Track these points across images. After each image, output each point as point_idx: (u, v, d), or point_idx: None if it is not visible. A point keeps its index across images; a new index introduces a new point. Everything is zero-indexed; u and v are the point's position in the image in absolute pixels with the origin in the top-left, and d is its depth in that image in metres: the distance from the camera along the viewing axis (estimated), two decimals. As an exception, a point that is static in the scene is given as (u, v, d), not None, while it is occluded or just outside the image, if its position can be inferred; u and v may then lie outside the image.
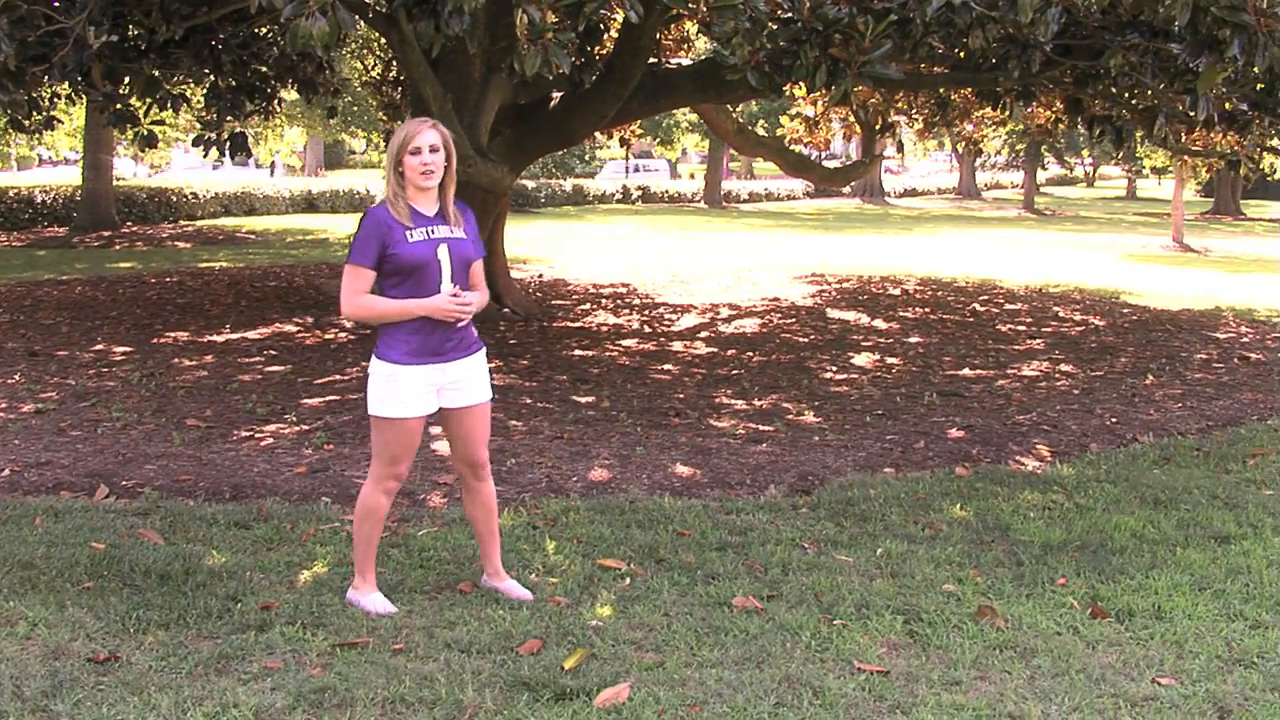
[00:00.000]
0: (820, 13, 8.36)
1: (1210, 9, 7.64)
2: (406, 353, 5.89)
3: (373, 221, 5.84)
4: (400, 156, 5.82)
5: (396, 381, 5.90)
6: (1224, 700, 5.28)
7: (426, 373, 5.94)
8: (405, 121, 5.98)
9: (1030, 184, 66.69)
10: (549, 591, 6.34)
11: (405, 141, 5.81)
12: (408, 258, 5.80)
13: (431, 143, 5.82)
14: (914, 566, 6.87)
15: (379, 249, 5.81)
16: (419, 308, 5.84)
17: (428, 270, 5.84)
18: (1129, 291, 22.76)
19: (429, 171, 5.82)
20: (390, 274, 5.86)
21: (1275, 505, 8.43)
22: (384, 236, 5.80)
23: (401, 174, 5.85)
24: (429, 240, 5.86)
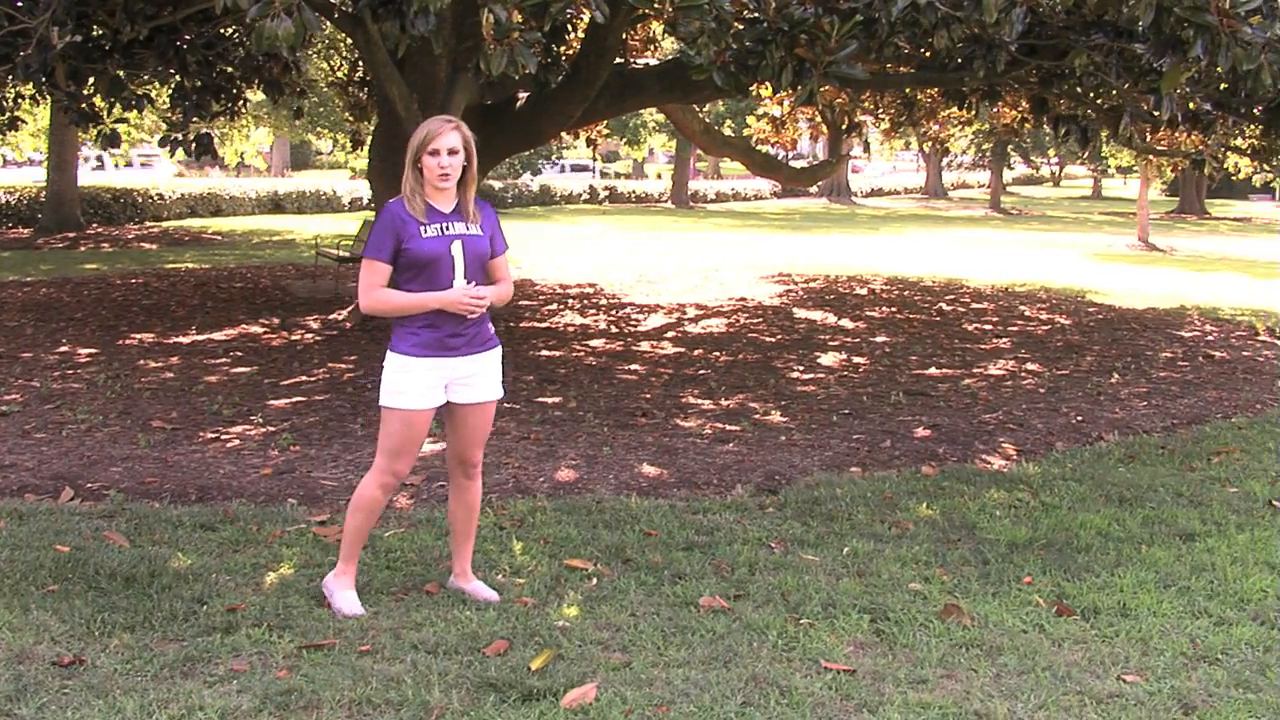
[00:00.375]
0: (786, 13, 8.37)
1: (1174, 9, 7.66)
2: (416, 344, 5.93)
3: (389, 216, 5.91)
4: (419, 155, 5.86)
5: (405, 373, 5.95)
6: (1188, 697, 5.30)
7: (436, 365, 5.96)
8: (430, 119, 5.97)
9: (996, 183, 66.95)
10: (516, 592, 6.33)
11: (426, 141, 5.84)
12: (420, 253, 5.85)
13: (451, 145, 5.85)
14: (880, 565, 6.89)
15: (394, 243, 5.86)
16: (434, 300, 5.87)
17: (440, 265, 5.88)
18: (1095, 290, 22.85)
19: (445, 174, 5.87)
20: (404, 268, 5.91)
21: (1239, 503, 8.47)
22: (399, 231, 5.86)
23: (420, 171, 5.89)
24: (442, 236, 5.90)
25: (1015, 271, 26.23)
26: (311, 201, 43.52)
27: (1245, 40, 7.48)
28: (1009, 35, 8.56)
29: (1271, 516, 8.16)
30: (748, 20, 8.69)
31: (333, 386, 11.70)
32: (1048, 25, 9.24)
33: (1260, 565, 7.10)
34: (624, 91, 15.68)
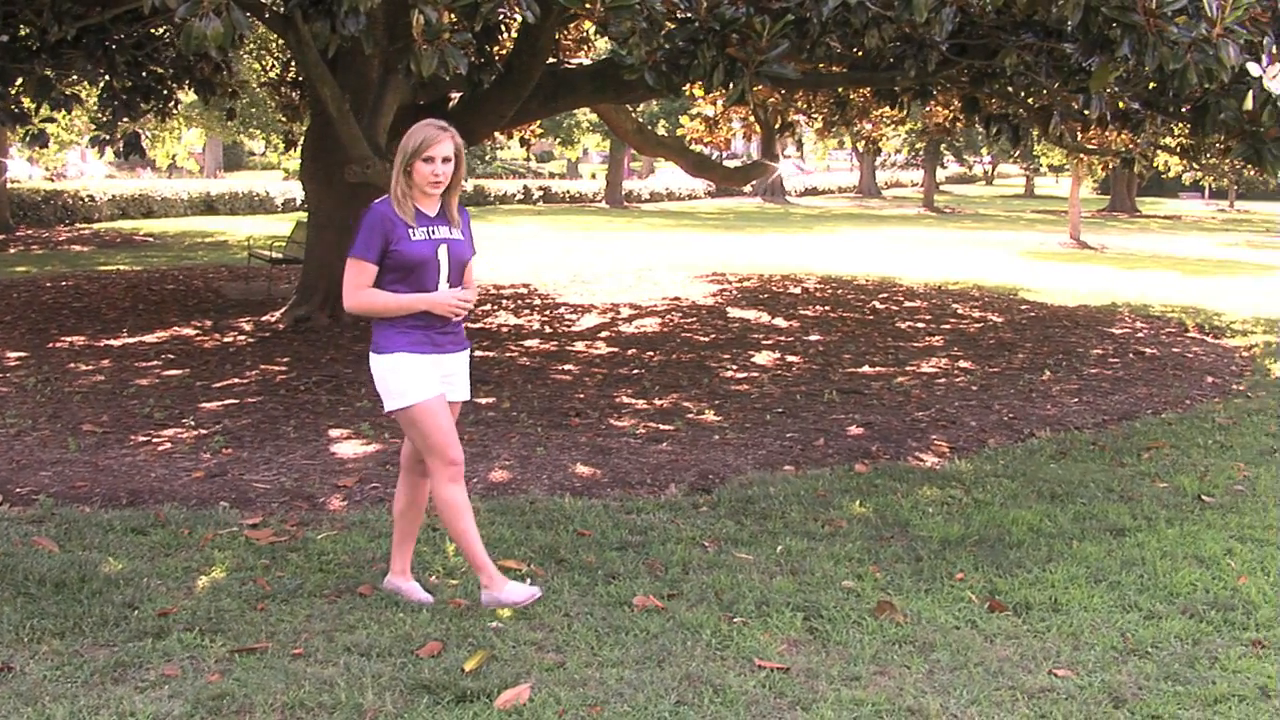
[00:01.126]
0: (717, 12, 8.38)
1: (1101, 9, 7.72)
2: (411, 342, 5.97)
3: (376, 217, 5.93)
4: (412, 160, 5.88)
5: (405, 369, 5.97)
6: (1119, 690, 5.36)
7: (432, 361, 6.03)
8: (423, 123, 5.97)
9: (930, 182, 67.23)
10: (449, 593, 6.32)
11: (420, 147, 5.87)
12: (410, 255, 5.90)
13: (445, 154, 5.90)
14: (814, 563, 6.91)
15: (382, 244, 5.90)
16: (423, 302, 5.94)
17: (427, 269, 5.95)
18: (1027, 288, 23.00)
19: (438, 182, 5.92)
20: (391, 270, 5.94)
21: (1169, 498, 8.55)
22: (388, 233, 5.90)
23: (409, 174, 5.91)
24: (430, 240, 5.97)
25: (948, 270, 26.35)
26: (244, 203, 43.24)
27: (1171, 40, 7.55)
28: (939, 35, 8.61)
29: (1200, 511, 8.24)
30: (679, 20, 8.70)
31: (266, 388, 11.64)
32: (978, 25, 9.28)
33: (1189, 559, 7.17)
34: (557, 91, 15.69)
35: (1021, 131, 12.76)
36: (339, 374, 12.36)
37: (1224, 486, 8.89)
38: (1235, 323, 18.76)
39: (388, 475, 8.58)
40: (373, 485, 8.35)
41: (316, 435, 9.78)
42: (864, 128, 23.39)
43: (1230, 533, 7.73)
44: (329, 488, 8.31)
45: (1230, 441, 10.34)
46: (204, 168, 67.11)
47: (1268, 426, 10.98)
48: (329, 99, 11.79)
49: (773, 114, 19.69)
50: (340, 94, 11.92)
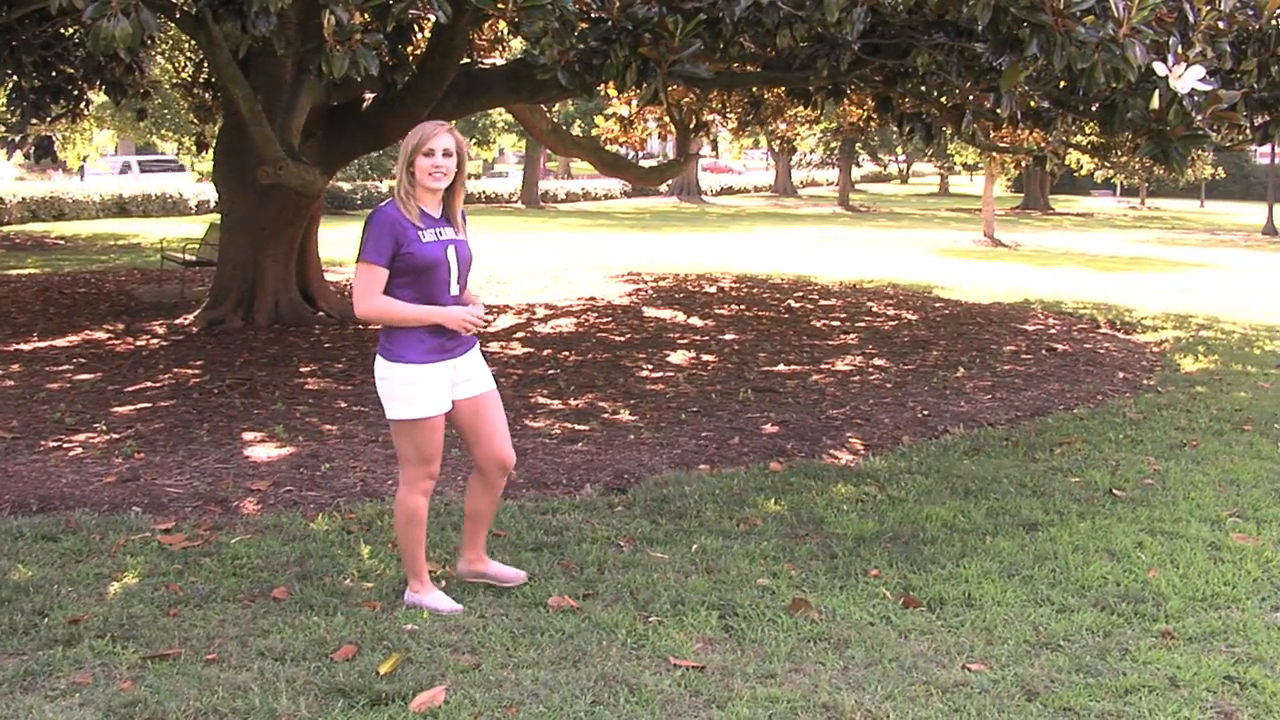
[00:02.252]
0: (630, 12, 8.39)
1: (1010, 9, 7.77)
2: (424, 352, 5.96)
3: (385, 220, 5.90)
4: (413, 157, 5.90)
5: (417, 382, 5.96)
6: (1031, 683, 5.41)
7: (442, 370, 6.03)
8: (422, 123, 6.01)
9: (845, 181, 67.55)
10: (364, 596, 6.30)
11: (420, 143, 5.88)
12: (423, 257, 5.89)
13: (445, 146, 5.90)
14: (729, 562, 6.93)
15: (392, 247, 5.86)
16: (438, 315, 5.94)
17: (439, 270, 5.95)
18: (941, 286, 23.13)
19: (439, 173, 5.91)
20: (402, 273, 5.91)
21: (1081, 492, 8.63)
22: (398, 235, 5.87)
23: (412, 174, 5.92)
24: (439, 241, 5.97)
25: (863, 268, 26.48)
26: (158, 205, 42.83)
27: (1079, 40, 7.61)
28: (851, 34, 8.64)
29: (1112, 505, 8.32)
30: (592, 20, 8.70)
31: (179, 392, 11.54)
32: (890, 25, 9.33)
33: (1101, 553, 7.25)
34: (471, 92, 15.65)
35: (934, 130, 12.83)
36: (253, 376, 12.29)
37: (1135, 481, 8.98)
38: (1146, 319, 18.96)
39: (301, 478, 8.55)
40: (286, 489, 8.31)
41: (230, 439, 9.72)
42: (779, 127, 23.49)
43: (1141, 526, 7.82)
44: (242, 491, 8.25)
45: (1141, 436, 10.45)
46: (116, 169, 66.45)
47: (1177, 421, 11.10)
48: (241, 100, 11.71)
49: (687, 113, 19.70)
50: (252, 95, 11.83)
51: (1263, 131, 10.77)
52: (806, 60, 10.88)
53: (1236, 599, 6.58)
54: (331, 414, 10.66)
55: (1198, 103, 8.23)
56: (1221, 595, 6.62)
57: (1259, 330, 18.15)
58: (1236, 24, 8.97)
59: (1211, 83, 8.24)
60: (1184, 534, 7.67)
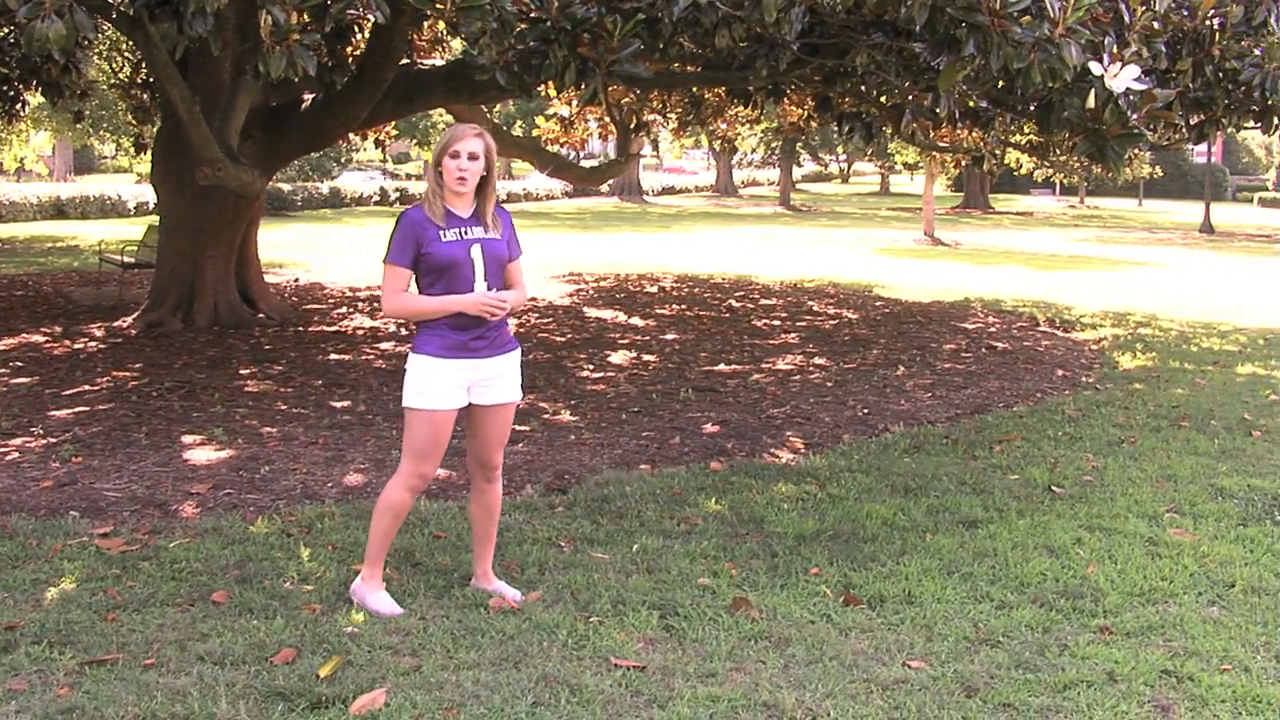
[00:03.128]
0: (569, 12, 8.38)
1: (947, 9, 7.81)
2: (441, 347, 6.05)
3: (408, 222, 6.05)
4: (441, 159, 6.03)
5: (429, 373, 6.06)
6: (971, 679, 5.44)
7: (460, 367, 6.09)
8: (454, 126, 6.13)
9: (786, 181, 67.77)
10: (304, 599, 6.26)
11: (447, 145, 6.01)
12: (441, 256, 5.99)
13: (472, 150, 5.99)
14: (670, 561, 6.94)
15: (414, 248, 6.01)
16: (455, 304, 6.01)
17: (460, 269, 6.03)
18: (881, 285, 23.24)
19: (463, 178, 6.00)
20: (426, 272, 6.05)
21: (1020, 489, 8.69)
22: (418, 236, 6.01)
23: (440, 175, 6.05)
24: (462, 240, 6.05)
25: (804, 267, 26.57)
26: (96, 207, 42.48)
27: (1015, 40, 7.65)
28: (789, 34, 8.66)
29: (1051, 502, 8.38)
30: (531, 20, 8.68)
31: (117, 395, 11.46)
32: (828, 25, 9.34)
33: (1040, 549, 7.30)
34: (411, 92, 15.61)
35: (874, 130, 12.86)
36: (192, 379, 12.21)
37: (1073, 477, 9.05)
38: (1085, 316, 19.11)
39: (241, 481, 8.50)
40: (226, 491, 8.26)
41: (169, 442, 9.65)
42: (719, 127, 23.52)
43: (1079, 522, 7.88)
44: (182, 494, 8.20)
45: (1079, 433, 10.52)
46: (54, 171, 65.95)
47: (1115, 418, 11.18)
48: (179, 101, 11.63)
49: (627, 114, 19.72)
50: (190, 96, 11.76)
51: (1198, 130, 10.87)
52: (746, 60, 10.87)
53: (1173, 594, 6.65)
54: (271, 416, 10.61)
55: (1133, 102, 8.29)
56: (1159, 590, 6.69)
57: (1196, 328, 18.31)
58: (1171, 24, 9.05)
59: (1146, 82, 8.30)
60: (1122, 530, 7.73)
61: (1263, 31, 9.45)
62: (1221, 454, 9.90)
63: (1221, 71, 9.50)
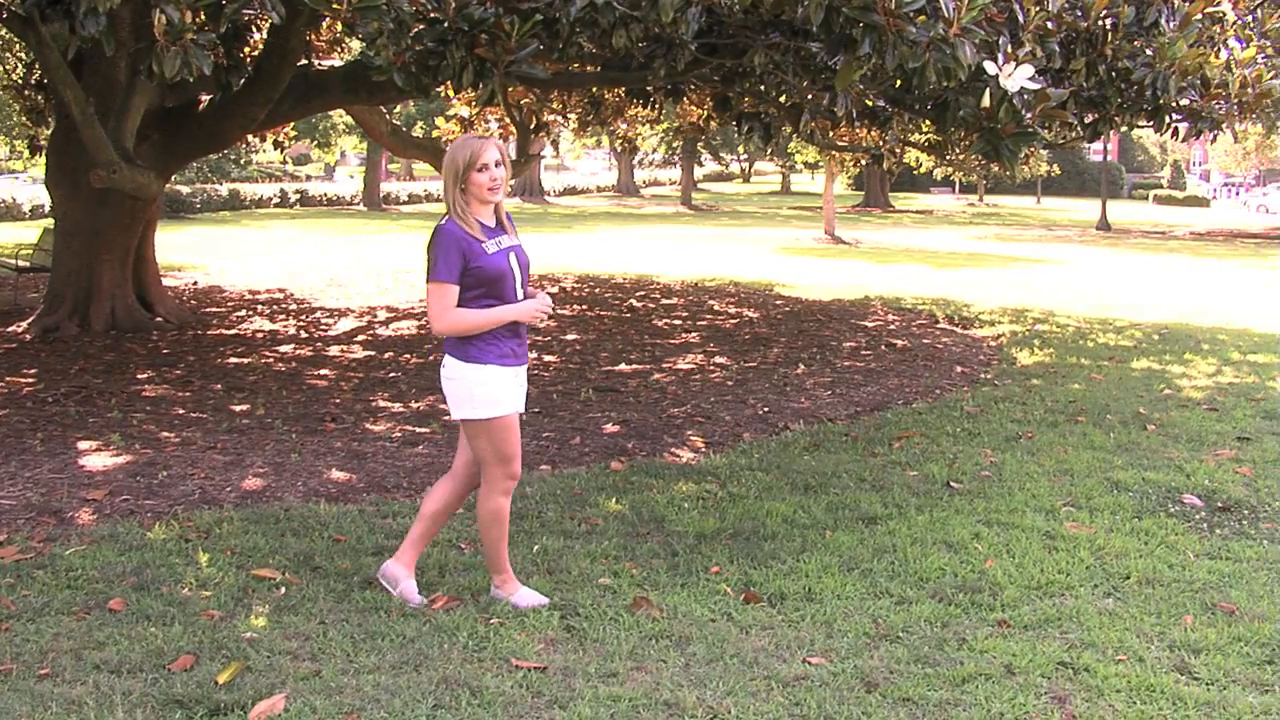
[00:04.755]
0: (466, 13, 8.34)
1: (842, 9, 7.83)
2: (500, 356, 6.12)
3: (451, 239, 6.02)
4: (467, 174, 6.03)
5: (495, 383, 6.10)
6: (871, 675, 5.48)
7: (516, 373, 6.22)
8: (463, 138, 6.16)
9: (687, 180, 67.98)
10: (202, 605, 6.21)
11: (471, 160, 6.01)
12: (492, 269, 6.05)
13: (496, 159, 6.06)
14: (570, 562, 6.94)
15: (461, 264, 6.01)
16: (513, 313, 6.10)
17: (507, 279, 6.11)
18: (782, 284, 23.34)
19: (496, 186, 6.09)
20: (473, 285, 6.05)
21: (919, 485, 8.75)
22: (465, 251, 6.01)
23: (464, 190, 6.05)
24: (502, 250, 6.12)
25: (705, 267, 26.64)
26: (-10, 210, 42.05)
27: (910, 39, 7.69)
28: (686, 34, 8.66)
29: (949, 497, 8.45)
30: (428, 20, 8.64)
31: (11, 401, 11.31)
32: (726, 25, 9.37)
33: (939, 545, 7.36)
34: (309, 93, 15.50)
35: (773, 129, 12.91)
36: (89, 384, 12.07)
37: (972, 473, 9.12)
38: (983, 313, 19.28)
39: (139, 487, 8.41)
40: (123, 497, 8.17)
41: (65, 448, 9.53)
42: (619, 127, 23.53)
43: (977, 517, 7.96)
44: (77, 501, 8.09)
45: (978, 429, 10.61)
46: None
47: (1013, 413, 11.29)
48: (73, 102, 11.51)
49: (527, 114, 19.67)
50: (84, 97, 11.64)
51: (1092, 129, 10.98)
52: (644, 60, 10.90)
53: (1070, 586, 6.72)
54: (169, 421, 10.51)
55: (1027, 101, 8.36)
56: (1055, 583, 6.76)
57: (1093, 324, 18.53)
58: (1065, 24, 9.13)
59: (1041, 81, 8.38)
60: (1019, 524, 7.81)
61: (1154, 32, 9.56)
62: (1117, 448, 10.02)
63: (1114, 71, 9.60)
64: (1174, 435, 10.52)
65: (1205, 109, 10.27)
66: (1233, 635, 6.08)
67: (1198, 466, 9.40)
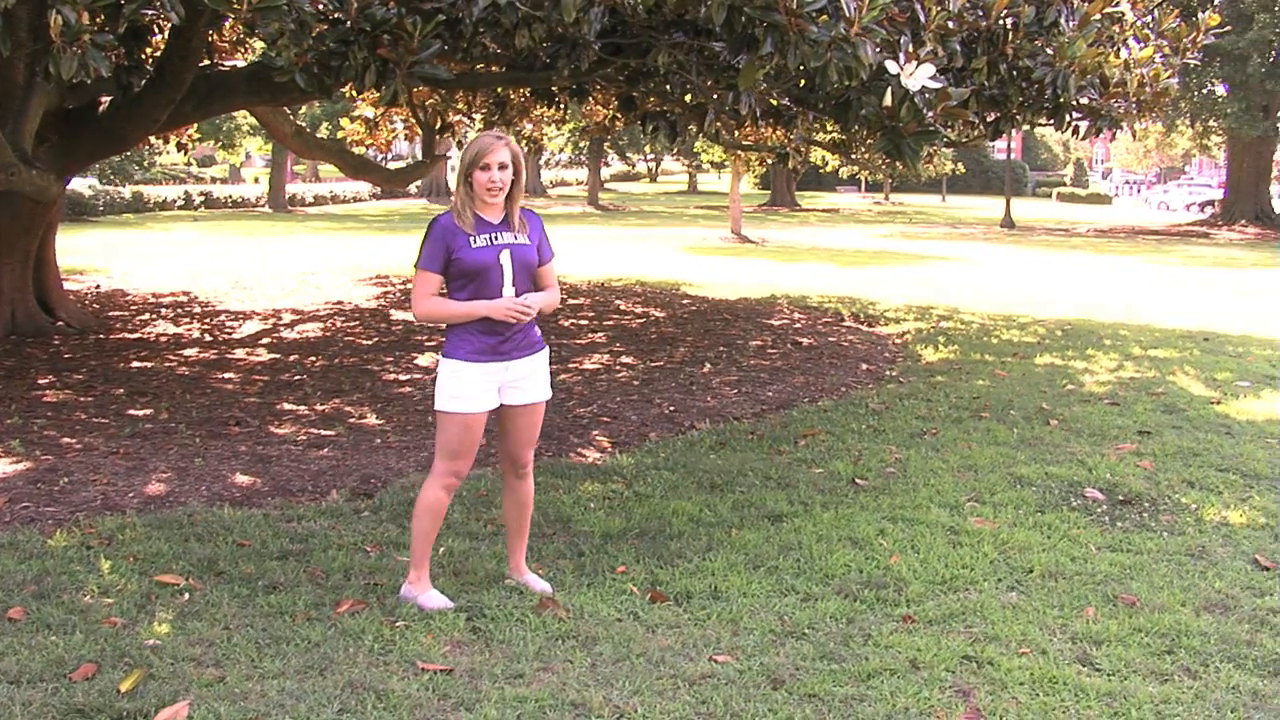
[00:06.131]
0: (368, 13, 8.31)
1: (745, 9, 7.87)
2: (471, 351, 6.22)
3: (439, 229, 6.20)
4: (470, 170, 6.13)
5: (460, 378, 6.21)
6: (777, 672, 5.52)
7: (490, 370, 6.25)
8: (481, 134, 6.23)
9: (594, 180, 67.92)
10: (104, 613, 6.14)
11: (477, 157, 6.10)
12: (471, 262, 6.14)
13: (502, 160, 6.12)
14: (476, 563, 6.93)
15: (444, 255, 6.16)
16: (483, 309, 6.15)
17: (490, 274, 6.18)
18: (689, 283, 23.39)
19: (495, 189, 6.14)
20: (455, 277, 6.20)
21: (824, 482, 8.80)
22: (449, 242, 6.16)
23: (469, 185, 6.15)
24: (491, 246, 6.19)
25: (612, 266, 26.65)
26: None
27: (812, 39, 7.74)
28: (589, 34, 8.67)
29: (854, 494, 8.50)
30: (330, 21, 8.60)
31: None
32: (630, 25, 9.38)
33: (844, 541, 7.41)
34: (211, 94, 15.35)
35: (679, 128, 12.92)
36: (-13, 390, 11.94)
37: (877, 470, 9.18)
38: (889, 311, 19.41)
39: (39, 493, 8.30)
40: (23, 505, 8.06)
41: (-37, 455, 9.42)
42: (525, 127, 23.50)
43: (882, 514, 8.01)
44: (-25, 508, 8.00)
45: (883, 426, 10.68)
46: None
47: (918, 410, 11.37)
48: (-33, 104, 11.38)
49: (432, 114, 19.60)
50: (-20, 100, 11.51)
51: (994, 127, 11.11)
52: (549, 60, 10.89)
53: (974, 581, 6.79)
54: (71, 426, 10.39)
55: (929, 100, 8.43)
56: (960, 578, 6.82)
57: (997, 320, 18.70)
58: (966, 24, 9.22)
59: (942, 80, 8.46)
60: (924, 520, 7.87)
61: (1054, 31, 9.68)
62: (1020, 443, 10.12)
63: (1015, 70, 9.70)
64: (1076, 430, 10.64)
65: (1104, 107, 10.42)
66: (1133, 626, 6.18)
67: (1099, 460, 9.51)
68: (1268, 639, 6.07)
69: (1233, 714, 5.26)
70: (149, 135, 17.60)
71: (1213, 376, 13.54)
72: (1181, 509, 8.35)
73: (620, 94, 13.96)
